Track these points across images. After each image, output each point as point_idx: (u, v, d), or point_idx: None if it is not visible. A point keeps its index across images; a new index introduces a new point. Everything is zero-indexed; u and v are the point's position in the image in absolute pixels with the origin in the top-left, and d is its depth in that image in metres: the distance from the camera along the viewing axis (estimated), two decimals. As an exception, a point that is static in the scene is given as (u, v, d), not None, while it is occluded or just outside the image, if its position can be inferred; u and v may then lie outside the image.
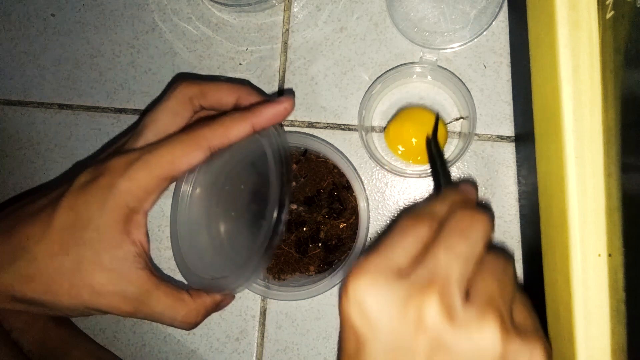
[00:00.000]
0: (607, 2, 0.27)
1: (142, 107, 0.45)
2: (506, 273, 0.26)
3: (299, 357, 0.42)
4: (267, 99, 0.35)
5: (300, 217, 0.40)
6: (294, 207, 0.39)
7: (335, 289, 0.41)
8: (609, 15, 0.27)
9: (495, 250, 0.28)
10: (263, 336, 0.42)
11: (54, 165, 0.46)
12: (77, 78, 0.46)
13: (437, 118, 0.37)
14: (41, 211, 0.32)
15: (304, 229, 0.40)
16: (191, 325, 0.33)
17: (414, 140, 0.37)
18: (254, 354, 0.42)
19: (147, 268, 0.32)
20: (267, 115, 0.32)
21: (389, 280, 0.23)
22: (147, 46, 0.45)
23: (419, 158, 0.38)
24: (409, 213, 0.27)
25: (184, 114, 0.34)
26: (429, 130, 0.36)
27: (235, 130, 0.32)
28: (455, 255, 0.24)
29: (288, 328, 0.42)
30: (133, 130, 0.35)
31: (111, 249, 0.30)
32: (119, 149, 0.34)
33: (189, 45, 0.44)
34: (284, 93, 0.42)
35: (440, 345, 0.23)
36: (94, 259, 0.30)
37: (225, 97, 0.35)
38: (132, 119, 0.45)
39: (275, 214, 0.31)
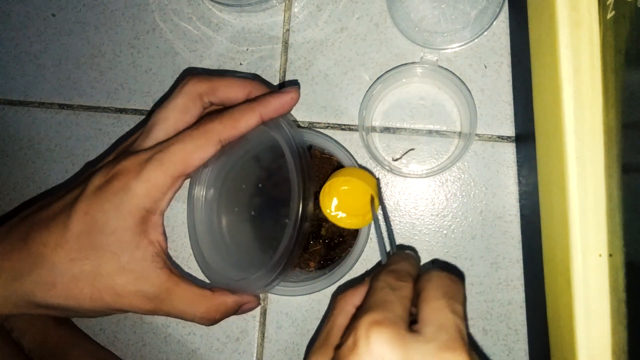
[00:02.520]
0: (608, 3, 0.27)
1: (143, 107, 0.45)
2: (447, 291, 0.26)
3: (299, 357, 0.42)
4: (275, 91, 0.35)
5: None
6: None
7: (335, 287, 0.41)
8: (609, 15, 0.27)
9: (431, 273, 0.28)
10: (263, 336, 0.42)
11: (55, 165, 0.46)
12: (78, 78, 0.46)
13: (378, 182, 0.37)
14: (56, 217, 0.31)
15: (306, 224, 0.40)
16: (211, 322, 0.33)
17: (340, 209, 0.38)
18: (254, 354, 0.42)
19: (166, 267, 0.32)
20: (274, 105, 0.33)
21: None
22: (148, 46, 0.45)
23: (348, 222, 0.38)
24: (383, 270, 0.27)
25: (193, 111, 0.34)
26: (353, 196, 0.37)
27: (244, 121, 0.32)
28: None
29: (288, 328, 0.42)
30: (142, 127, 0.35)
31: (129, 251, 0.30)
32: (129, 147, 0.34)
33: (189, 45, 0.44)
34: (285, 85, 0.42)
35: None
36: (113, 262, 0.30)
37: (235, 93, 0.34)
38: (133, 119, 0.45)
39: (299, 216, 0.31)
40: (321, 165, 0.40)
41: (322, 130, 0.42)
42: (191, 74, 0.35)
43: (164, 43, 0.44)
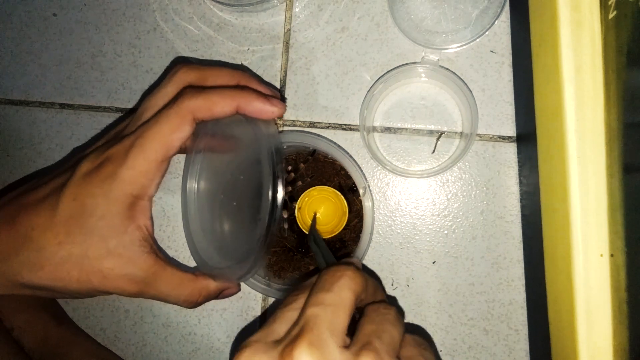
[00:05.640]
0: (610, 2, 0.27)
1: (144, 106, 0.45)
2: (386, 318, 0.26)
3: (300, 357, 0.42)
4: (265, 87, 0.36)
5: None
6: (298, 205, 0.39)
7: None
8: (611, 15, 0.27)
9: (378, 303, 0.28)
10: (264, 336, 0.42)
11: (55, 165, 0.46)
12: (79, 78, 0.46)
13: (314, 218, 0.38)
14: (44, 200, 0.32)
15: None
16: (193, 304, 0.35)
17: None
18: (255, 354, 0.42)
19: (152, 251, 0.33)
20: (255, 105, 0.33)
21: (267, 347, 0.24)
22: (149, 46, 0.45)
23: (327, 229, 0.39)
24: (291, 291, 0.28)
25: None
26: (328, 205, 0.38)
27: (220, 107, 0.32)
28: (322, 306, 0.24)
29: (289, 328, 0.42)
30: (132, 115, 0.35)
31: (117, 235, 0.31)
32: (118, 134, 0.35)
33: (190, 45, 0.44)
34: (284, 88, 0.42)
35: None
36: (101, 246, 0.31)
37: (224, 83, 0.35)
38: (134, 118, 0.45)
39: (268, 211, 0.32)
40: (324, 169, 0.40)
41: (323, 130, 0.42)
42: (181, 62, 0.35)
43: (165, 43, 0.44)
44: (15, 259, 0.31)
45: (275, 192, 0.32)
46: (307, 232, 0.39)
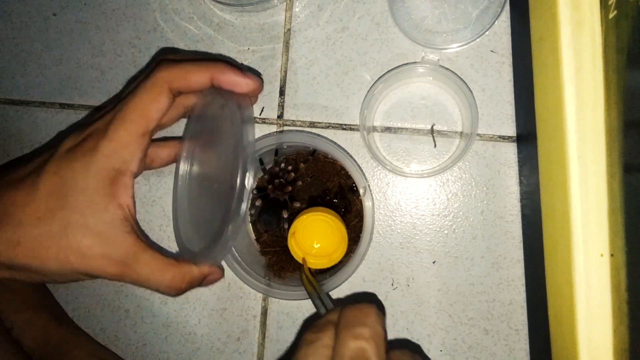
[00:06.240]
0: (610, 2, 0.27)
1: (144, 106, 0.45)
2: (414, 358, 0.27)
3: (300, 357, 0.42)
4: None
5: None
6: (297, 205, 0.39)
7: (336, 291, 0.41)
8: (611, 15, 0.27)
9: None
10: (264, 336, 0.42)
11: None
12: (79, 77, 0.46)
13: (304, 262, 0.38)
14: (26, 178, 0.31)
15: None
16: (177, 291, 0.33)
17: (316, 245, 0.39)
18: (255, 354, 0.42)
19: (133, 232, 0.32)
20: (229, 76, 0.33)
21: None
22: (149, 46, 0.45)
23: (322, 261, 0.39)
24: (309, 327, 0.29)
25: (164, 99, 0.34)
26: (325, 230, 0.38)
27: (195, 76, 0.32)
28: (364, 340, 0.25)
29: (289, 328, 0.42)
30: (117, 102, 0.34)
31: (97, 212, 0.31)
32: (100, 113, 0.34)
33: (190, 45, 0.44)
34: (285, 87, 0.42)
35: None
36: (80, 223, 0.30)
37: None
38: (134, 118, 0.45)
39: (238, 179, 0.31)
40: (324, 168, 0.40)
41: (323, 130, 0.42)
42: (165, 56, 0.35)
43: (165, 43, 0.44)
44: None
45: (245, 158, 0.31)
46: (300, 261, 0.38)
